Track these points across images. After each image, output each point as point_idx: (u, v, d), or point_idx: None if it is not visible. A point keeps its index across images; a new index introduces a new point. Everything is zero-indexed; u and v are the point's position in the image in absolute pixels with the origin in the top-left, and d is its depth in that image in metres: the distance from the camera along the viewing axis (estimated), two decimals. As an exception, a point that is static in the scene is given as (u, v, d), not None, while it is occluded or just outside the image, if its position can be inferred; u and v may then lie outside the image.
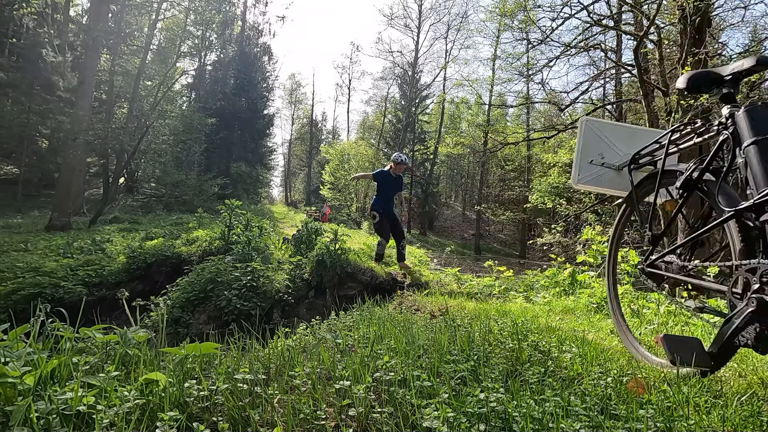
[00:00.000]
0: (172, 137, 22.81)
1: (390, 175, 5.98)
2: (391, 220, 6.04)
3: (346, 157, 30.92)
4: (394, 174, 5.99)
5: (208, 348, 1.82)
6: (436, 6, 43.80)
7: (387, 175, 5.99)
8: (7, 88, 18.74)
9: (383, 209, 5.97)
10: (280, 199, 52.10)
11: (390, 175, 5.98)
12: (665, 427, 1.28)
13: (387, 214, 6.01)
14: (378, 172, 6.09)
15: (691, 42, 7.64)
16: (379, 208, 5.98)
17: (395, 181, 6.06)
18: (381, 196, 6.00)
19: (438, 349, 1.98)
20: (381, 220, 5.97)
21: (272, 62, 35.09)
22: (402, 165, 6.02)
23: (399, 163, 6.00)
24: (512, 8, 9.64)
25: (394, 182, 6.04)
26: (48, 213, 15.20)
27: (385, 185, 5.99)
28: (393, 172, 5.99)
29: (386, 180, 5.98)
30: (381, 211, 5.96)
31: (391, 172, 5.99)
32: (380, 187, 6.00)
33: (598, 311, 3.79)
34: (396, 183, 6.09)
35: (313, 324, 2.91)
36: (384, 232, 6.05)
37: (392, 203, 6.10)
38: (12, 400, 1.26)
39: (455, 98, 37.74)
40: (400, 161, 6.01)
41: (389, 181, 6.00)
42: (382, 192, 6.00)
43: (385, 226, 6.02)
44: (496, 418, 1.30)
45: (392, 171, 5.99)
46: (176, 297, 5.66)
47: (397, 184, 6.13)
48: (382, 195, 6.00)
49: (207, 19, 23.77)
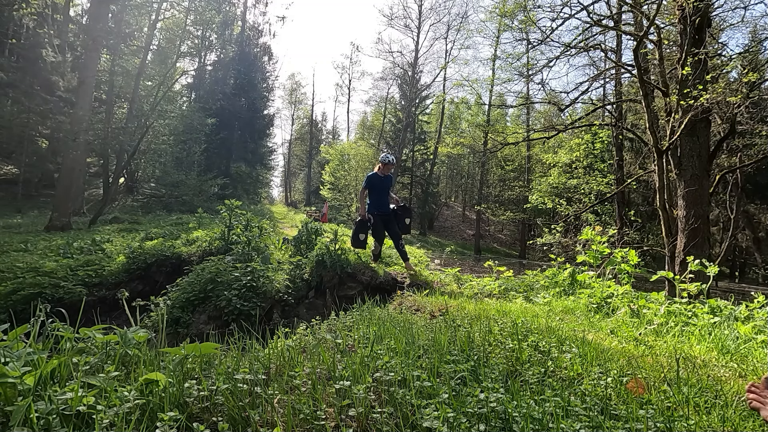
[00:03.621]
0: (172, 137, 22.78)
1: (380, 177, 6.01)
2: (386, 221, 6.05)
3: (346, 157, 30.92)
4: (382, 174, 6.02)
5: (208, 348, 1.82)
6: (436, 6, 43.87)
7: (377, 178, 6.01)
8: (7, 88, 18.72)
9: (377, 211, 6.01)
10: (280, 200, 52.11)
11: (379, 176, 6.01)
12: (665, 427, 1.28)
13: (382, 215, 6.02)
14: (367, 179, 6.08)
15: (691, 42, 7.64)
16: (373, 210, 6.02)
17: (386, 181, 6.09)
18: (375, 198, 6.04)
19: (438, 350, 1.98)
20: (376, 222, 5.99)
21: (272, 62, 35.10)
22: (390, 165, 6.08)
23: (387, 163, 6.04)
24: (512, 8, 9.63)
25: (385, 182, 6.08)
26: (48, 213, 15.20)
27: (377, 188, 6.01)
28: (382, 173, 6.02)
29: (377, 182, 6.01)
30: (375, 213, 6.00)
31: (380, 173, 6.01)
32: (372, 191, 6.04)
33: (598, 311, 3.79)
34: (387, 183, 6.13)
35: (313, 324, 2.91)
36: (378, 234, 6.07)
37: (387, 203, 6.11)
38: (12, 400, 1.26)
39: (455, 98, 37.84)
40: (388, 161, 6.05)
41: (380, 182, 6.02)
42: (375, 195, 6.04)
43: (380, 229, 6.04)
44: (496, 418, 1.30)
45: (380, 172, 6.02)
46: (176, 297, 5.66)
47: (389, 184, 6.17)
48: (376, 197, 6.04)
49: (207, 19, 23.77)
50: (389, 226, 6.07)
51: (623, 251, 4.63)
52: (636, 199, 23.61)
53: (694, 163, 7.85)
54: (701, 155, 7.91)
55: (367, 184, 6.03)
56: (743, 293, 14.15)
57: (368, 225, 6.07)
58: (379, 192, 6.01)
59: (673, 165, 8.11)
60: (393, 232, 6.07)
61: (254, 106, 31.34)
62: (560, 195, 22.92)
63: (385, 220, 6.04)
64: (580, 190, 22.03)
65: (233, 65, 29.78)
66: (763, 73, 9.98)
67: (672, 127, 7.89)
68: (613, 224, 19.09)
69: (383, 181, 6.03)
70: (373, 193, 6.03)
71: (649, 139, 8.79)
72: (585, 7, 8.83)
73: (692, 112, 7.37)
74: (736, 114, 8.38)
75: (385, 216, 6.03)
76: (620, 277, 4.59)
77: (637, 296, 4.09)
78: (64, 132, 16.50)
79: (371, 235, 6.19)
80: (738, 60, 9.11)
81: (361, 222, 6.08)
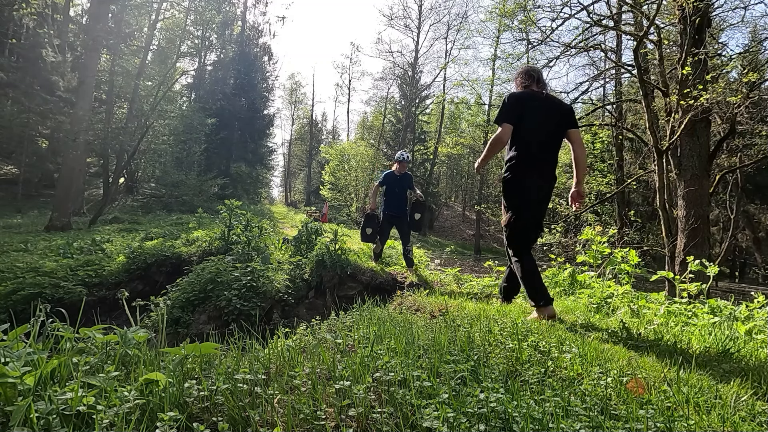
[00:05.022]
0: (172, 137, 22.79)
1: (396, 176, 5.95)
2: (398, 222, 5.95)
3: (346, 157, 30.89)
4: (399, 173, 5.95)
5: (208, 348, 1.82)
6: (436, 6, 43.90)
7: (393, 176, 5.94)
8: (7, 88, 18.71)
9: (389, 211, 5.90)
10: (280, 200, 52.10)
11: (395, 175, 5.95)
12: (665, 427, 1.28)
13: (392, 216, 5.91)
14: (383, 176, 6.01)
15: (691, 42, 7.64)
16: (385, 210, 5.93)
17: (403, 180, 5.98)
18: (390, 198, 5.91)
19: (438, 350, 1.98)
20: (383, 222, 5.94)
21: (272, 62, 35.13)
22: (405, 162, 5.98)
23: (401, 161, 5.95)
24: (512, 9, 9.63)
25: (402, 181, 5.96)
26: (48, 213, 15.19)
27: (392, 186, 5.90)
28: (398, 172, 5.95)
29: (393, 181, 5.92)
30: (387, 213, 5.91)
31: (396, 172, 5.96)
32: (387, 190, 5.93)
33: (598, 311, 3.79)
34: (405, 181, 5.98)
35: (313, 324, 2.91)
36: (383, 234, 6.02)
37: (404, 203, 6.00)
38: (12, 400, 1.26)
39: (455, 98, 37.82)
40: (402, 159, 5.96)
41: (396, 181, 5.94)
42: (389, 194, 5.91)
43: (386, 230, 5.98)
44: (496, 418, 1.30)
45: (397, 171, 5.96)
46: (176, 297, 5.66)
47: (407, 183, 6.01)
48: (392, 196, 5.90)
49: (207, 19, 23.77)
50: (400, 227, 5.99)
51: (623, 251, 4.63)
52: (636, 199, 23.60)
53: (694, 163, 7.85)
54: (701, 155, 7.91)
55: (382, 181, 5.96)
56: (743, 293, 14.15)
57: (376, 220, 6.01)
58: (393, 191, 5.90)
59: (673, 165, 8.11)
60: (403, 232, 6.01)
61: (254, 106, 31.35)
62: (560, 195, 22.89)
63: (395, 222, 5.95)
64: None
65: (233, 65, 29.79)
66: (763, 73, 9.97)
67: (672, 127, 7.89)
68: (613, 224, 19.09)
69: (400, 180, 5.92)
70: (387, 191, 5.93)
71: (649, 139, 8.79)
72: (585, 7, 8.84)
73: (692, 112, 7.37)
74: (736, 114, 8.38)
75: (395, 217, 5.92)
76: (620, 277, 4.59)
77: (637, 296, 4.09)
78: (64, 132, 16.51)
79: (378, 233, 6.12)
80: (738, 60, 9.11)
81: (368, 216, 6.01)
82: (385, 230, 5.99)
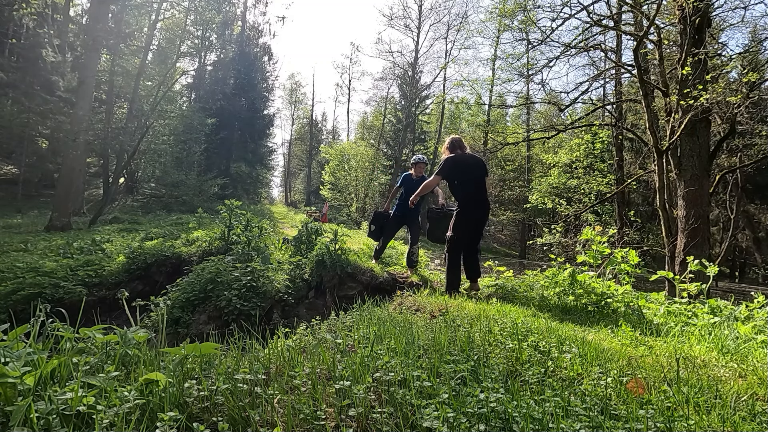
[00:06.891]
0: (172, 137, 22.78)
1: (413, 179, 5.94)
2: (409, 223, 5.98)
3: (346, 157, 30.88)
4: (416, 176, 5.94)
5: (208, 348, 1.82)
6: (436, 6, 43.91)
7: (410, 180, 5.95)
8: (7, 88, 18.71)
9: (401, 212, 5.91)
10: (280, 200, 52.10)
11: (412, 178, 5.94)
12: (665, 427, 1.28)
13: (408, 217, 5.91)
14: (402, 179, 6.04)
15: (691, 42, 7.64)
16: (397, 211, 5.94)
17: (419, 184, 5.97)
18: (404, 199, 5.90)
19: (438, 350, 1.98)
20: (391, 222, 5.95)
21: (272, 62, 35.13)
22: (421, 164, 5.99)
23: (417, 163, 5.96)
24: (512, 9, 9.64)
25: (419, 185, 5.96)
26: (48, 213, 15.19)
27: (410, 190, 5.84)
28: (415, 175, 5.95)
29: (411, 184, 5.89)
30: (397, 214, 5.93)
31: (414, 176, 5.95)
32: (406, 192, 5.93)
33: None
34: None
35: (313, 324, 2.91)
36: (387, 234, 6.03)
37: (419, 206, 5.96)
38: (12, 400, 1.26)
39: (455, 98, 37.75)
40: (418, 160, 5.98)
41: (415, 185, 5.90)
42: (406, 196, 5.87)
43: (391, 230, 6.00)
44: (496, 418, 1.30)
45: (414, 174, 5.95)
46: (176, 297, 5.66)
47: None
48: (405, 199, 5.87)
49: (207, 19, 23.73)
50: (411, 228, 6.02)
51: (623, 251, 4.63)
52: (636, 199, 23.60)
53: (694, 163, 7.84)
54: (701, 155, 7.91)
55: (400, 184, 6.02)
56: (743, 293, 14.14)
57: (382, 218, 6.03)
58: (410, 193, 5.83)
59: (673, 165, 8.11)
60: (414, 233, 6.05)
61: (254, 106, 31.35)
62: (560, 195, 22.89)
63: (406, 222, 5.98)
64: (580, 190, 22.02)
65: (233, 65, 29.79)
66: (763, 73, 9.98)
67: (672, 127, 7.89)
68: (613, 224, 19.09)
69: (417, 184, 5.81)
70: (406, 194, 5.92)
71: (649, 139, 8.79)
72: (585, 7, 8.83)
73: (692, 112, 7.37)
74: (736, 114, 8.38)
75: (404, 219, 5.95)
76: (620, 277, 4.59)
77: (637, 296, 4.09)
78: (64, 132, 16.50)
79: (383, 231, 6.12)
80: (738, 60, 9.10)
81: (376, 213, 6.07)
82: (392, 229, 6.01)
